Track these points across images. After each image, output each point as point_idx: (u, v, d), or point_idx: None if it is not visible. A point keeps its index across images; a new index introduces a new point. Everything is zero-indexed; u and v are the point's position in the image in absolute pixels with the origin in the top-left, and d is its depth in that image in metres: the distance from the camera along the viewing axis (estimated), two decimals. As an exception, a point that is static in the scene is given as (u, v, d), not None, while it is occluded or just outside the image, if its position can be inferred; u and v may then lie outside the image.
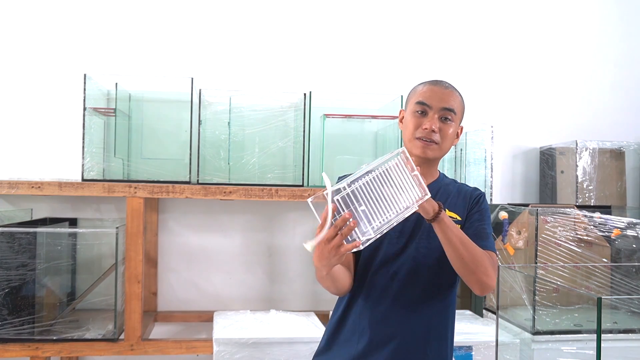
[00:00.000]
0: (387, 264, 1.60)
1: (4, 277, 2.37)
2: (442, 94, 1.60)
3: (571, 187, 3.12)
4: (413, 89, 1.67)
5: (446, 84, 1.64)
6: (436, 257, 1.57)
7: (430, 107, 1.58)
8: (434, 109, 1.58)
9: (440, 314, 1.63)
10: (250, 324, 2.63)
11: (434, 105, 1.58)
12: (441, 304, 1.63)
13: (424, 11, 3.31)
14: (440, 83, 1.64)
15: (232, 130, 2.79)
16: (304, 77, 3.17)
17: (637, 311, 2.53)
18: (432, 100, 1.58)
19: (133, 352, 2.49)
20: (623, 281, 2.51)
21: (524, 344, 2.38)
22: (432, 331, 1.61)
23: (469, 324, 2.70)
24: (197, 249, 3.09)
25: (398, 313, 1.59)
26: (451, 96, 1.60)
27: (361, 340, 1.59)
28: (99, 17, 3.05)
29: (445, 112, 1.58)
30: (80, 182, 2.53)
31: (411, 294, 1.59)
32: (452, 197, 1.64)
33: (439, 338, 1.62)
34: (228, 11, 3.16)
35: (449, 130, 1.59)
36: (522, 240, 2.71)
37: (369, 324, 1.59)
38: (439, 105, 1.58)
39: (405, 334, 1.58)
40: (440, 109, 1.58)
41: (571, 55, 3.46)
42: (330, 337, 1.68)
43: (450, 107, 1.59)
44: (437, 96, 1.59)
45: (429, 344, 1.60)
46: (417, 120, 1.59)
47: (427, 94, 1.60)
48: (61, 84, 2.99)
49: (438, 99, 1.58)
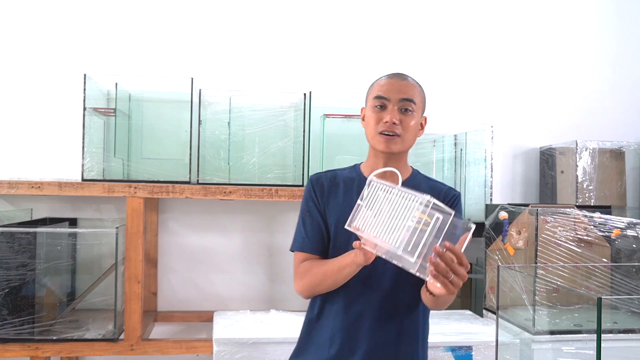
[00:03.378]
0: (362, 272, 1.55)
1: (4, 277, 2.37)
2: (400, 85, 1.57)
3: (571, 187, 3.12)
4: (371, 85, 1.64)
5: (404, 76, 1.61)
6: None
7: (389, 100, 1.56)
8: (392, 101, 1.55)
9: (412, 317, 1.61)
10: (250, 324, 2.63)
11: (392, 98, 1.55)
12: (413, 307, 1.61)
13: (424, 11, 3.31)
14: (397, 75, 1.61)
15: (232, 130, 2.79)
16: (304, 77, 3.17)
17: (637, 311, 2.53)
18: (391, 93, 1.56)
19: (133, 352, 2.49)
20: (623, 281, 2.51)
21: (524, 344, 2.38)
22: (403, 335, 1.59)
23: (469, 324, 2.70)
24: (197, 249, 3.09)
25: (370, 317, 1.57)
26: (409, 87, 1.58)
27: (333, 344, 1.58)
28: (99, 17, 3.05)
29: (404, 102, 1.55)
30: (80, 182, 2.53)
31: (383, 298, 1.57)
32: None
33: (410, 342, 1.60)
34: (228, 11, 3.16)
35: (410, 122, 1.57)
36: (522, 240, 2.71)
37: (341, 328, 1.58)
38: (398, 97, 1.55)
39: (377, 338, 1.57)
40: (399, 100, 1.55)
41: (571, 55, 3.46)
42: (303, 340, 1.66)
43: (409, 97, 1.56)
44: (395, 88, 1.56)
45: (400, 347, 1.58)
46: (377, 115, 1.56)
47: (385, 87, 1.57)
48: (61, 84, 2.99)
49: (396, 91, 1.56)
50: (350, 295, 1.58)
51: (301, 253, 1.63)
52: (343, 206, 1.59)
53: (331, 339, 1.59)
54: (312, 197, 1.64)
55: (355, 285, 1.57)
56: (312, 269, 1.57)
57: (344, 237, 1.56)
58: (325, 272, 1.53)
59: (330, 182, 1.65)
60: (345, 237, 1.55)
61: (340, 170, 1.70)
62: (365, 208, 1.38)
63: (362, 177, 1.63)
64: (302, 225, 1.65)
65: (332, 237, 1.61)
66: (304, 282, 1.58)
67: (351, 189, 1.63)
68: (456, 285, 1.27)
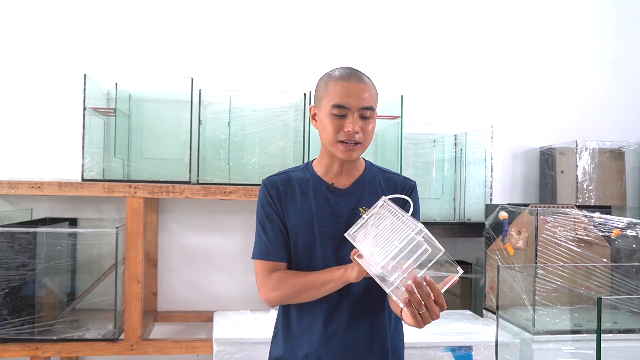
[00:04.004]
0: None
1: (4, 277, 2.37)
2: (358, 91, 1.49)
3: (571, 187, 3.12)
4: (324, 84, 1.55)
5: (358, 76, 1.52)
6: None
7: (348, 109, 1.49)
8: (352, 109, 1.49)
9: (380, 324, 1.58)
10: (250, 324, 2.63)
11: (352, 106, 1.49)
12: (381, 314, 1.58)
13: (424, 11, 3.31)
14: (352, 76, 1.52)
15: (232, 130, 2.79)
16: (304, 77, 3.16)
17: (637, 311, 2.53)
18: (350, 101, 1.48)
19: (133, 352, 2.50)
20: (623, 281, 2.51)
21: (524, 344, 2.38)
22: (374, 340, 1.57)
23: (469, 324, 2.70)
24: (197, 249, 3.09)
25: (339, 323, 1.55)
26: (367, 91, 1.51)
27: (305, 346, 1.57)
28: (99, 17, 3.05)
29: (365, 111, 1.50)
30: (80, 182, 2.53)
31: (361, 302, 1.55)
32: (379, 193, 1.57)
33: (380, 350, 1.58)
34: (228, 11, 3.16)
35: (370, 127, 1.52)
36: (522, 240, 2.71)
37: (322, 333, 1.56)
38: (358, 105, 1.49)
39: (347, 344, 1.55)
40: (359, 108, 1.49)
41: (571, 55, 3.46)
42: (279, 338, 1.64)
43: (368, 105, 1.50)
44: (354, 94, 1.49)
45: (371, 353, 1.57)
46: (337, 123, 1.50)
47: (342, 93, 1.49)
48: (61, 84, 2.99)
49: (355, 98, 1.49)
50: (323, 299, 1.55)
51: (264, 261, 1.58)
52: (302, 208, 1.57)
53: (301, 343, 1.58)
54: (269, 202, 1.59)
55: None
56: (289, 280, 1.53)
57: (306, 242, 1.55)
58: (307, 285, 1.50)
59: (285, 185, 1.60)
60: (307, 242, 1.54)
61: (293, 171, 1.65)
62: (368, 225, 1.38)
63: (316, 177, 1.60)
64: (262, 232, 1.59)
65: (292, 241, 1.58)
66: (278, 293, 1.54)
67: (307, 190, 1.59)
68: (425, 320, 1.26)
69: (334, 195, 1.58)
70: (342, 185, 1.60)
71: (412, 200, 1.53)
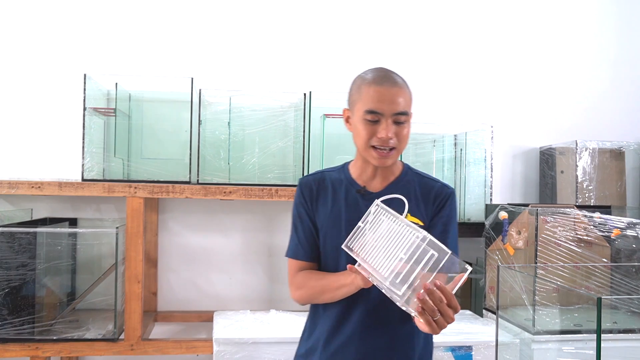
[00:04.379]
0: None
1: (4, 277, 2.37)
2: (392, 96, 1.46)
3: (571, 187, 3.12)
4: (357, 87, 1.53)
5: (392, 80, 1.49)
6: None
7: (382, 115, 1.46)
8: (386, 115, 1.46)
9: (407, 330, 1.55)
10: (250, 324, 2.63)
11: (386, 112, 1.46)
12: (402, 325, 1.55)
13: (423, 11, 3.31)
14: (386, 80, 1.48)
15: (232, 130, 2.79)
16: (304, 77, 3.17)
17: (637, 311, 2.53)
18: (383, 106, 1.45)
19: (133, 352, 2.49)
20: (623, 281, 2.51)
21: (524, 344, 2.38)
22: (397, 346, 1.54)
23: (469, 324, 2.70)
24: (197, 249, 3.09)
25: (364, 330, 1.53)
26: (401, 96, 1.47)
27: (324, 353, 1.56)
28: (99, 17, 3.05)
29: (399, 116, 1.47)
30: (80, 182, 2.53)
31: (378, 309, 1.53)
32: (414, 198, 1.55)
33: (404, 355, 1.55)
34: (228, 11, 3.16)
35: (404, 132, 1.50)
36: (522, 240, 2.71)
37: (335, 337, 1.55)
38: (392, 111, 1.46)
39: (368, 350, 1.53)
40: (392, 114, 1.46)
41: (571, 55, 3.45)
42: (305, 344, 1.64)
43: (403, 110, 1.47)
44: (387, 100, 1.45)
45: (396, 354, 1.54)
46: (370, 129, 1.47)
47: (375, 98, 1.46)
48: (61, 84, 2.99)
49: (389, 103, 1.45)
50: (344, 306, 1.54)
51: (295, 260, 1.61)
52: (332, 210, 1.57)
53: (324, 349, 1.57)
54: (301, 202, 1.61)
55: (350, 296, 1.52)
56: (309, 281, 1.54)
57: (334, 243, 1.54)
58: (323, 287, 1.51)
59: (319, 185, 1.60)
60: (335, 243, 1.53)
61: (329, 171, 1.64)
62: (365, 231, 1.36)
63: (350, 180, 1.60)
64: (294, 232, 1.62)
65: (322, 242, 1.58)
66: (301, 293, 1.56)
67: (339, 191, 1.59)
68: (441, 325, 1.23)
69: (364, 198, 1.56)
70: (374, 188, 1.58)
71: (448, 209, 1.53)
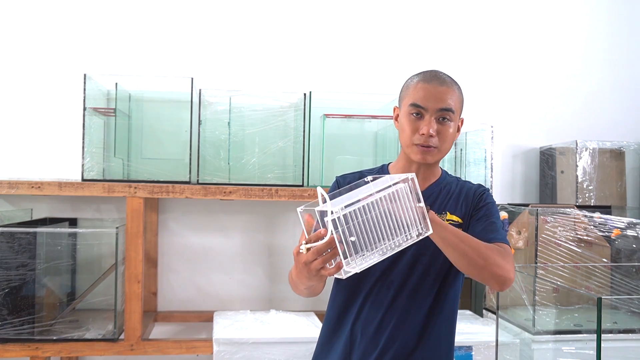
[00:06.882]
0: (385, 273, 1.51)
1: (4, 277, 2.37)
2: (437, 92, 1.47)
3: (571, 187, 3.12)
4: (406, 85, 1.55)
5: (441, 79, 1.50)
6: (437, 265, 1.50)
7: (425, 110, 1.46)
8: (430, 111, 1.46)
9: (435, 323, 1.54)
10: (250, 324, 2.63)
11: (429, 107, 1.46)
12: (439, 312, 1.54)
13: (424, 11, 3.31)
14: (434, 79, 1.50)
15: (232, 130, 2.79)
16: (304, 77, 3.17)
17: (637, 311, 2.53)
18: (427, 102, 1.46)
19: (133, 352, 2.49)
20: (623, 281, 2.52)
21: (524, 344, 2.38)
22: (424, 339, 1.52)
23: (469, 324, 2.70)
24: (197, 249, 3.09)
25: (392, 323, 1.51)
26: (447, 94, 1.47)
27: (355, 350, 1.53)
28: (99, 17, 3.05)
29: (442, 112, 1.47)
30: (80, 182, 2.53)
31: (406, 302, 1.51)
32: (453, 198, 1.56)
33: (431, 347, 1.53)
34: (228, 11, 3.16)
35: (448, 131, 1.49)
36: (522, 240, 2.71)
37: (363, 332, 1.53)
38: (435, 107, 1.46)
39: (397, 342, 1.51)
40: (436, 110, 1.46)
41: (571, 55, 3.45)
42: (324, 344, 1.63)
43: (447, 107, 1.46)
44: (432, 96, 1.46)
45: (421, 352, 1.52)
46: (413, 125, 1.48)
47: (420, 94, 1.47)
48: (61, 84, 2.99)
49: (433, 100, 1.46)
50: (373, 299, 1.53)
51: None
52: None
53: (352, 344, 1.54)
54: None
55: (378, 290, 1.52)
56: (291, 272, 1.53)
57: None
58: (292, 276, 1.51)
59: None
60: None
61: (368, 171, 1.64)
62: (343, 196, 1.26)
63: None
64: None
65: None
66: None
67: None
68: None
69: None
70: None
71: (487, 202, 1.55)
